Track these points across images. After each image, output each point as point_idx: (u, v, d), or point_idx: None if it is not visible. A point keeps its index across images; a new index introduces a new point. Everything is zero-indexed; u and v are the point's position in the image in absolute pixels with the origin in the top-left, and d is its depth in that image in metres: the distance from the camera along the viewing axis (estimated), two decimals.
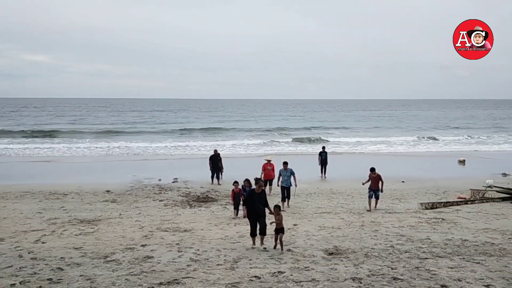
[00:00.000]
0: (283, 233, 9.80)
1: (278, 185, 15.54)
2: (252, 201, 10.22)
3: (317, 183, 20.13)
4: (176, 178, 20.83)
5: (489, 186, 17.73)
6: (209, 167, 20.18)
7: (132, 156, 31.48)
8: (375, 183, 14.81)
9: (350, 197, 16.87)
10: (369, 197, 14.79)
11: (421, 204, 15.18)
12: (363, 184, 15.27)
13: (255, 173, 16.12)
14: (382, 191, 14.96)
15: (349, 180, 20.16)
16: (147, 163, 27.62)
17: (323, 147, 22.95)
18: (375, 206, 14.73)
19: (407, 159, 30.94)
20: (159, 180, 20.61)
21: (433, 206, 15.07)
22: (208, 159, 20.40)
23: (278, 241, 9.68)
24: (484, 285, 7.39)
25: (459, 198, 16.49)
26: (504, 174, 22.84)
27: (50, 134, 46.43)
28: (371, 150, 35.90)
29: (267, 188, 16.48)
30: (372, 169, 15.06)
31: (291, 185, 15.27)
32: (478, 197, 16.42)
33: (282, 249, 9.60)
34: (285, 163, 15.55)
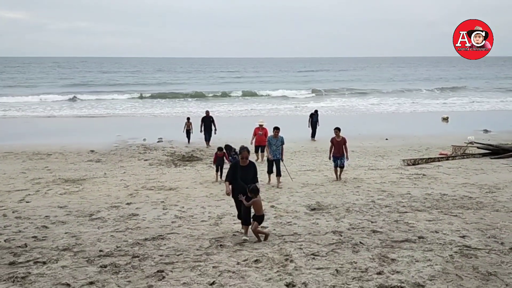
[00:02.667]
0: (261, 222, 7.58)
1: (269, 156, 12.51)
2: (234, 176, 7.88)
3: (302, 142, 20.24)
4: (161, 138, 20.78)
5: (470, 143, 18.07)
6: (199, 129, 19.83)
7: (116, 116, 31.14)
8: (338, 149, 12.69)
9: None
10: (334, 166, 12.85)
11: (403, 160, 15.43)
12: (329, 158, 12.99)
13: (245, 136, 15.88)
14: (347, 158, 12.90)
15: None
16: (131, 123, 27.39)
17: (316, 110, 21.88)
18: (340, 176, 12.77)
19: (393, 117, 31.22)
20: (144, 140, 20.53)
21: (415, 162, 15.35)
22: (200, 120, 19.88)
23: (252, 231, 7.48)
24: (460, 236, 7.64)
25: (440, 154, 16.81)
26: (486, 131, 23.31)
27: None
28: (359, 109, 36.06)
29: (259, 155, 15.88)
30: (337, 129, 12.83)
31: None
32: (459, 153, 16.76)
33: (259, 239, 7.45)
34: (276, 129, 12.60)
